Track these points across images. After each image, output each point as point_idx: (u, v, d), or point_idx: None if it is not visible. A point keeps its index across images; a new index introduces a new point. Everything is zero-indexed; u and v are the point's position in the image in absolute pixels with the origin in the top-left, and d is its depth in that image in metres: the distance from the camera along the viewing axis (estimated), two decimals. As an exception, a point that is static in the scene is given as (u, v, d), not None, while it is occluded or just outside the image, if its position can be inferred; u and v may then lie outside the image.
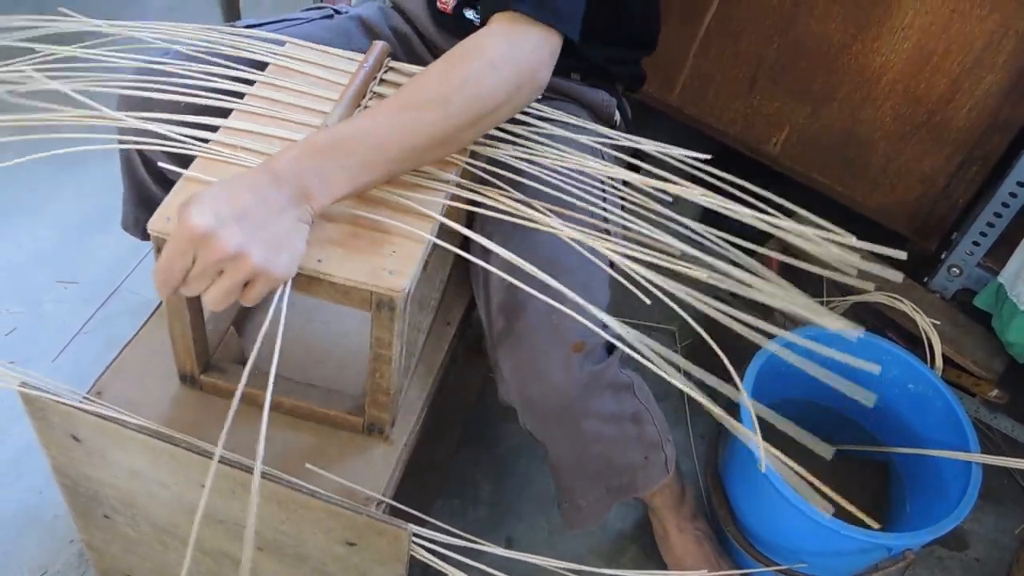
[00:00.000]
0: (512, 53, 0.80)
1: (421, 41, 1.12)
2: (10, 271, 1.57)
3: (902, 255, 0.84)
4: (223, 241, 0.65)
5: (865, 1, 1.34)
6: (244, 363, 0.94)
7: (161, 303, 1.06)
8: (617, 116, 1.14)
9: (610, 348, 0.95)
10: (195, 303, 0.83)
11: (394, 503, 0.92)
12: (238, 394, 0.67)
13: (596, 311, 0.76)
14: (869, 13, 1.34)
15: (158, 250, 0.74)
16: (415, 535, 0.83)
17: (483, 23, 0.84)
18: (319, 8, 1.11)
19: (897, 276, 0.89)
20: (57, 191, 1.67)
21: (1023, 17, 1.23)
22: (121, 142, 0.94)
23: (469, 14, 1.04)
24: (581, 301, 0.76)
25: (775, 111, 1.54)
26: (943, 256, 1.41)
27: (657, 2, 1.11)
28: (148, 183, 1.09)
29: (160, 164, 0.87)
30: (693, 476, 1.38)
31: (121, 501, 0.97)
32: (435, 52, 1.10)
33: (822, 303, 1.42)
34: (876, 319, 1.39)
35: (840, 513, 1.05)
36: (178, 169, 0.81)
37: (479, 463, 1.37)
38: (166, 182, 1.04)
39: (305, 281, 0.75)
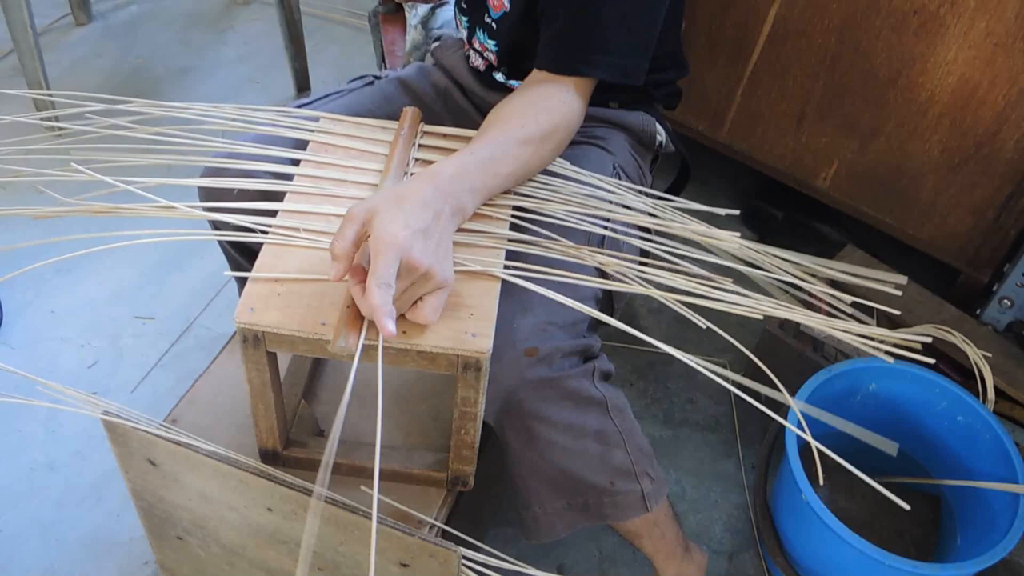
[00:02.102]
0: (581, 111, 0.95)
1: (461, 93, 1.19)
2: (93, 307, 1.67)
3: (902, 279, 0.88)
4: (418, 256, 0.72)
5: (908, 37, 1.36)
6: (320, 434, 1.01)
7: (233, 336, 1.13)
8: (659, 135, 1.18)
9: (585, 360, 0.97)
10: (277, 384, 0.88)
11: (446, 527, 0.96)
12: (327, 465, 0.73)
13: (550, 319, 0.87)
14: (913, 49, 1.36)
15: (244, 340, 0.80)
16: (465, 558, 0.88)
17: (556, 72, 0.94)
18: (361, 77, 1.18)
19: (901, 279, 0.92)
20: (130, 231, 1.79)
21: (1069, 49, 1.25)
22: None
23: (498, 76, 1.12)
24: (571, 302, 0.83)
25: (823, 146, 1.57)
26: (994, 288, 1.41)
27: (679, 27, 1.17)
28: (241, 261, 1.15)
29: (227, 273, 0.94)
30: (743, 508, 1.40)
31: (193, 523, 1.03)
32: (474, 102, 1.17)
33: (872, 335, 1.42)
34: (928, 352, 1.39)
35: (888, 545, 1.06)
36: (245, 273, 0.85)
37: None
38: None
39: (393, 354, 0.78)
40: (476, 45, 1.12)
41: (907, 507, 0.84)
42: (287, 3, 2.05)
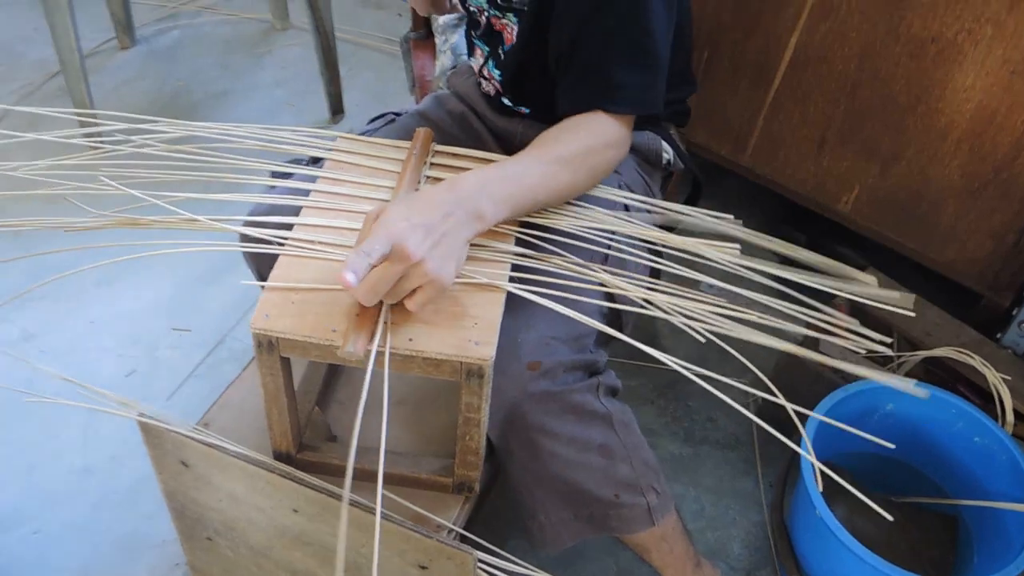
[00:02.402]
0: (621, 138, 0.97)
1: (476, 117, 1.23)
2: (131, 319, 1.73)
3: (909, 299, 0.90)
4: (413, 247, 0.76)
5: (927, 64, 1.38)
6: (332, 439, 1.05)
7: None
8: (666, 153, 1.21)
9: (591, 374, 0.99)
10: (291, 390, 0.92)
11: (464, 532, 0.99)
12: (350, 471, 0.76)
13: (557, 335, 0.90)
14: (931, 76, 1.39)
15: (258, 345, 0.84)
16: (481, 561, 0.91)
17: (583, 109, 0.96)
18: (382, 116, 1.23)
19: (909, 297, 0.94)
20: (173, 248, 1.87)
21: (1087, 76, 1.26)
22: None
23: (506, 100, 1.16)
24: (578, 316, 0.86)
25: (844, 171, 1.59)
26: (1015, 312, 1.42)
27: (688, 46, 1.19)
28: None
29: (244, 282, 0.99)
30: (761, 526, 1.41)
31: (223, 524, 1.07)
32: (487, 125, 1.21)
33: (893, 358, 1.44)
34: (947, 374, 1.40)
35: (905, 564, 1.07)
36: (258, 283, 0.91)
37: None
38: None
39: (399, 360, 0.82)
40: (485, 73, 1.17)
41: (889, 518, 0.85)
42: (323, 30, 2.11)
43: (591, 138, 0.94)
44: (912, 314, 1.06)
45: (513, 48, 1.07)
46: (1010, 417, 1.29)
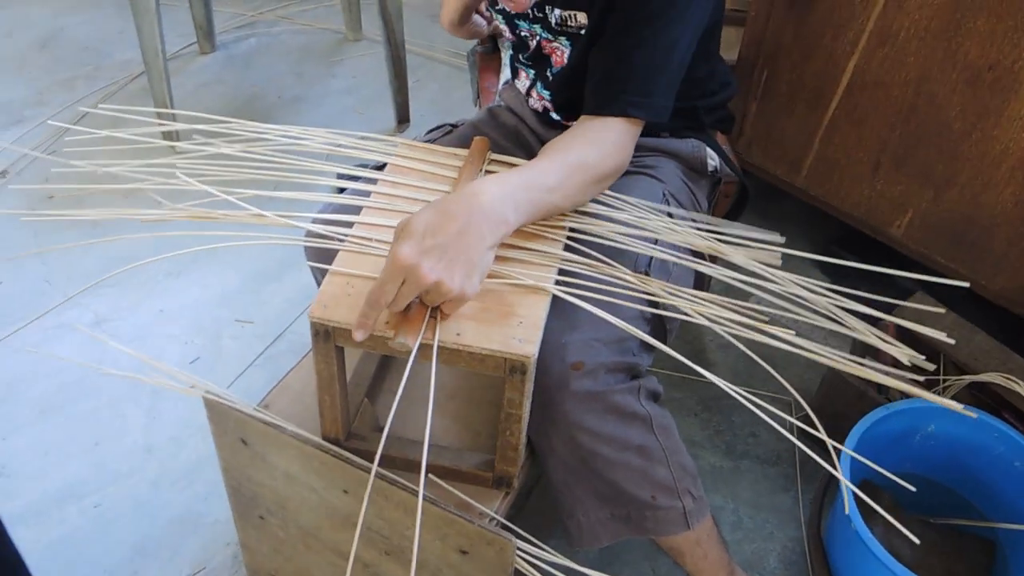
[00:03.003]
0: (628, 142, 1.02)
1: (528, 130, 1.28)
2: (197, 308, 1.82)
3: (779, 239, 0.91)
4: (425, 273, 0.79)
5: (983, 91, 1.39)
6: (380, 430, 1.10)
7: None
8: (711, 160, 1.24)
9: (633, 377, 1.02)
10: (343, 378, 0.97)
11: (505, 521, 1.03)
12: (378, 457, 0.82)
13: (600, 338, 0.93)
14: (987, 103, 1.40)
15: (315, 333, 0.89)
16: (520, 549, 0.94)
17: (595, 112, 1.01)
18: (439, 127, 1.29)
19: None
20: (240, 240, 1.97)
21: None
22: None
23: (555, 116, 1.22)
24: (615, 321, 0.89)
25: (898, 195, 1.60)
26: (1064, 341, 1.41)
27: (715, 54, 1.22)
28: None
29: (308, 263, 1.03)
30: (798, 542, 1.42)
31: (275, 503, 1.13)
32: (540, 138, 1.26)
33: (939, 380, 1.44)
34: (992, 400, 1.40)
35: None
36: (323, 266, 0.97)
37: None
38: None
39: (447, 353, 0.86)
40: (534, 95, 1.22)
41: (916, 540, 0.86)
42: (394, 41, 2.19)
43: (604, 149, 0.98)
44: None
45: (564, 70, 1.12)
46: (1054, 445, 1.29)
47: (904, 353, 0.97)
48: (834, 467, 0.91)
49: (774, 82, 1.67)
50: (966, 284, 0.99)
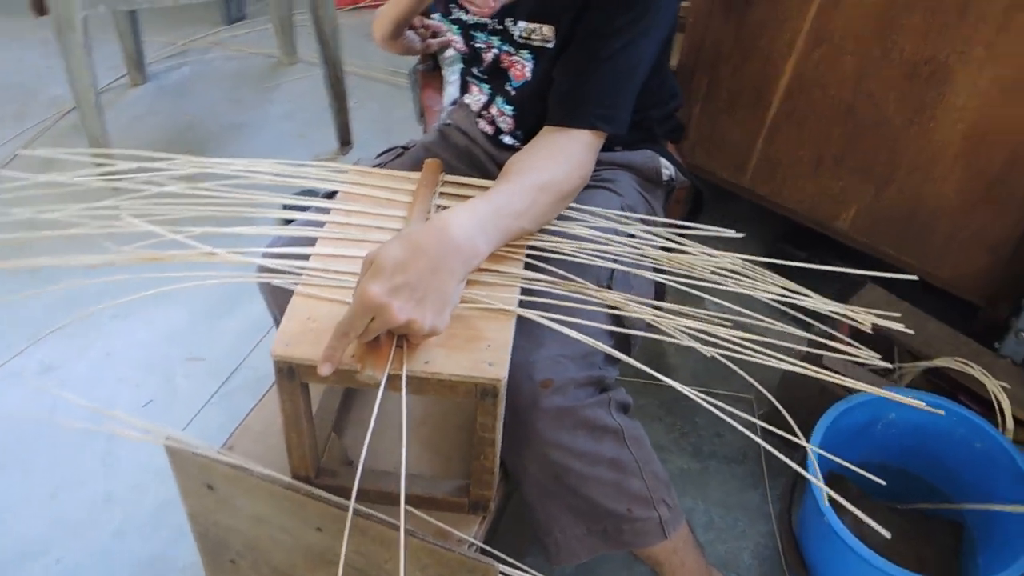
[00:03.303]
0: (590, 156, 1.02)
1: (480, 150, 1.28)
2: (147, 349, 1.77)
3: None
4: (395, 313, 0.78)
5: (919, 86, 1.43)
6: (349, 464, 1.08)
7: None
8: (666, 170, 1.25)
9: (602, 390, 1.02)
10: (309, 415, 0.94)
11: (484, 546, 1.02)
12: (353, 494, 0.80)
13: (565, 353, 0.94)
14: (924, 97, 1.43)
15: (279, 371, 0.87)
16: (502, 574, 0.93)
17: (556, 123, 1.01)
18: (390, 150, 1.28)
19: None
20: (179, 277, 1.94)
21: (1074, 93, 1.31)
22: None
23: (506, 139, 1.22)
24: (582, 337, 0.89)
25: (841, 190, 1.63)
26: (1012, 322, 1.45)
27: (665, 64, 1.23)
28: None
29: (266, 298, 1.02)
30: (770, 537, 1.44)
31: (246, 545, 1.10)
32: (493, 159, 1.26)
33: (894, 369, 1.47)
34: (948, 384, 1.44)
35: (911, 568, 1.09)
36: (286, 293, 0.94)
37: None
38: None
39: (416, 382, 0.84)
40: (493, 111, 1.21)
41: (887, 534, 0.87)
42: (331, 63, 2.17)
43: (569, 164, 0.99)
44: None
45: (529, 85, 1.12)
46: (1010, 424, 1.32)
47: (863, 356, 0.99)
48: (800, 462, 0.92)
49: (715, 86, 1.70)
50: (915, 278, 1.01)
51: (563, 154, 0.99)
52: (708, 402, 0.88)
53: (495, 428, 0.90)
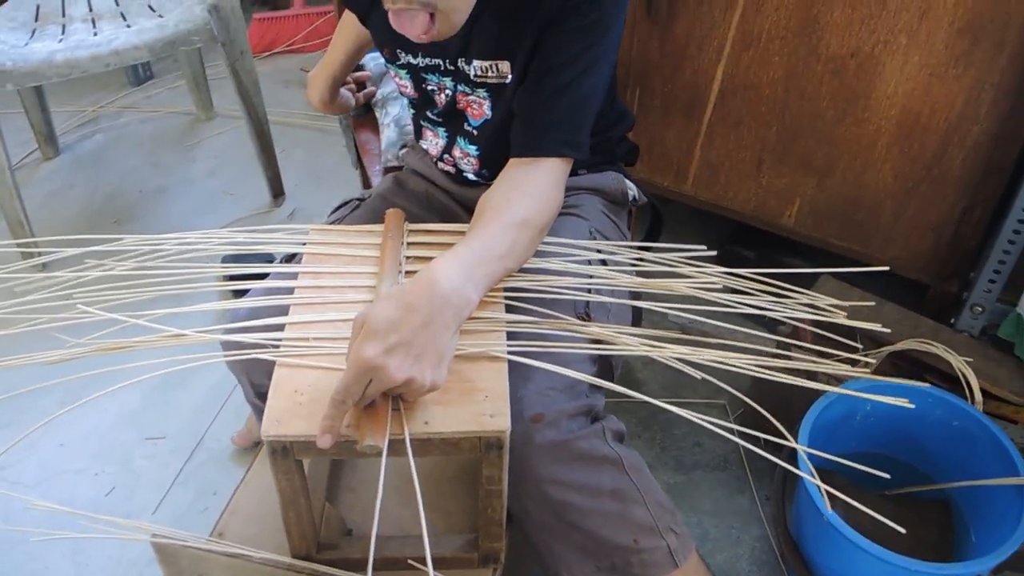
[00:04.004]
0: (560, 185, 1.02)
1: (441, 191, 1.26)
2: (101, 434, 1.69)
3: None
4: (393, 372, 0.77)
5: (849, 78, 1.46)
6: (349, 533, 1.04)
7: (260, 447, 1.17)
8: (631, 190, 1.25)
9: (594, 420, 1.00)
10: (307, 491, 0.91)
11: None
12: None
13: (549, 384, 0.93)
14: (854, 88, 1.47)
15: (272, 451, 0.83)
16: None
17: (522, 154, 1.01)
18: (346, 203, 1.25)
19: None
20: (132, 357, 1.86)
21: (997, 71, 1.35)
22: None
23: (470, 176, 1.21)
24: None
25: (784, 187, 1.66)
26: (964, 297, 1.49)
27: (614, 87, 1.23)
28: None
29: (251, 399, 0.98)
30: (765, 540, 1.44)
31: (248, 633, 1.06)
32: (455, 198, 1.25)
33: (859, 355, 1.50)
34: (913, 365, 1.47)
35: (911, 552, 1.11)
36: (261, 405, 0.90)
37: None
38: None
39: (418, 444, 0.82)
40: (456, 153, 1.19)
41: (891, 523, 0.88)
42: (254, 116, 2.13)
43: (541, 198, 0.98)
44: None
45: (491, 123, 1.10)
46: (978, 396, 1.35)
47: (833, 365, 1.00)
48: (785, 459, 0.93)
49: (648, 97, 1.71)
50: (886, 268, 1.03)
51: (534, 187, 0.98)
52: (686, 414, 0.88)
53: (501, 480, 0.88)
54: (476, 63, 1.06)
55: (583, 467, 0.96)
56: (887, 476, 0.93)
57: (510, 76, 1.05)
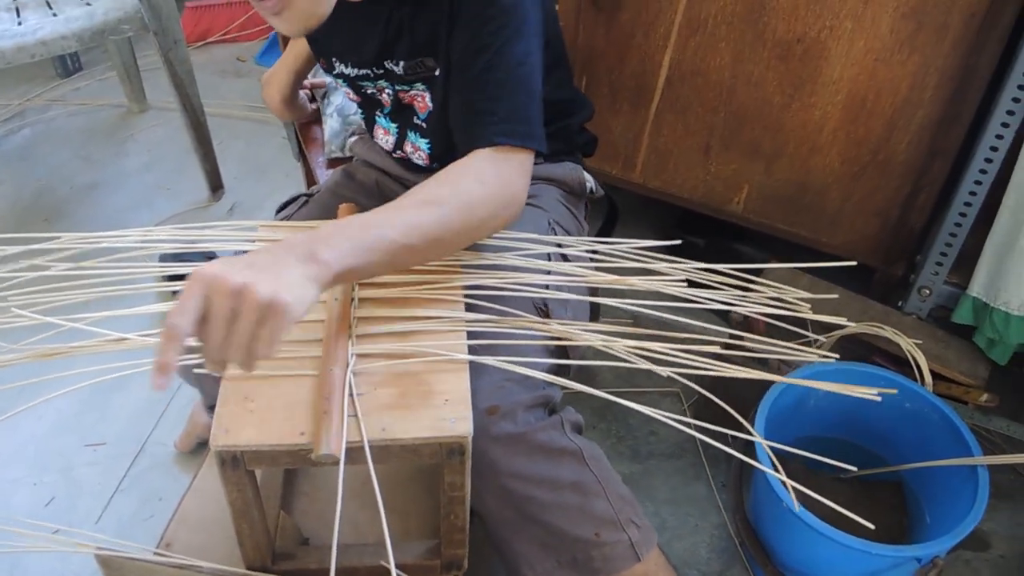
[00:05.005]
0: (499, 173, 0.93)
1: (393, 180, 1.22)
2: (37, 442, 1.62)
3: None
4: (229, 277, 0.68)
5: (795, 64, 1.47)
6: (305, 543, 1.01)
7: (207, 450, 1.13)
8: (588, 182, 1.23)
9: (551, 412, 0.98)
10: (259, 502, 0.87)
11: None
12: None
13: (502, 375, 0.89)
14: (800, 73, 1.47)
15: (222, 462, 0.79)
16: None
17: (462, 151, 0.95)
18: (294, 200, 1.21)
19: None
20: (69, 361, 1.79)
21: (941, 55, 1.36)
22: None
23: (419, 162, 1.17)
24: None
25: (732, 173, 1.66)
26: (911, 279, 1.51)
27: (570, 72, 1.21)
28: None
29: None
30: (723, 527, 1.45)
31: (201, 647, 1.02)
32: (406, 186, 1.20)
33: (809, 342, 1.51)
34: (862, 349, 1.48)
35: (866, 535, 1.12)
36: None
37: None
38: None
39: (376, 451, 0.78)
40: (408, 148, 1.16)
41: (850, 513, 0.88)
42: (190, 107, 2.06)
43: (462, 176, 0.91)
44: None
45: (434, 113, 1.07)
46: (928, 378, 1.37)
47: (780, 346, 1.00)
48: (741, 447, 0.92)
49: (595, 85, 1.69)
50: (853, 263, 1.02)
51: (454, 172, 0.92)
52: (642, 409, 0.87)
53: (464, 486, 0.86)
54: (402, 63, 1.04)
55: (543, 459, 0.95)
56: (854, 469, 0.92)
57: (437, 69, 1.03)
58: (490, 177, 0.92)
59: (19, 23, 1.89)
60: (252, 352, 0.70)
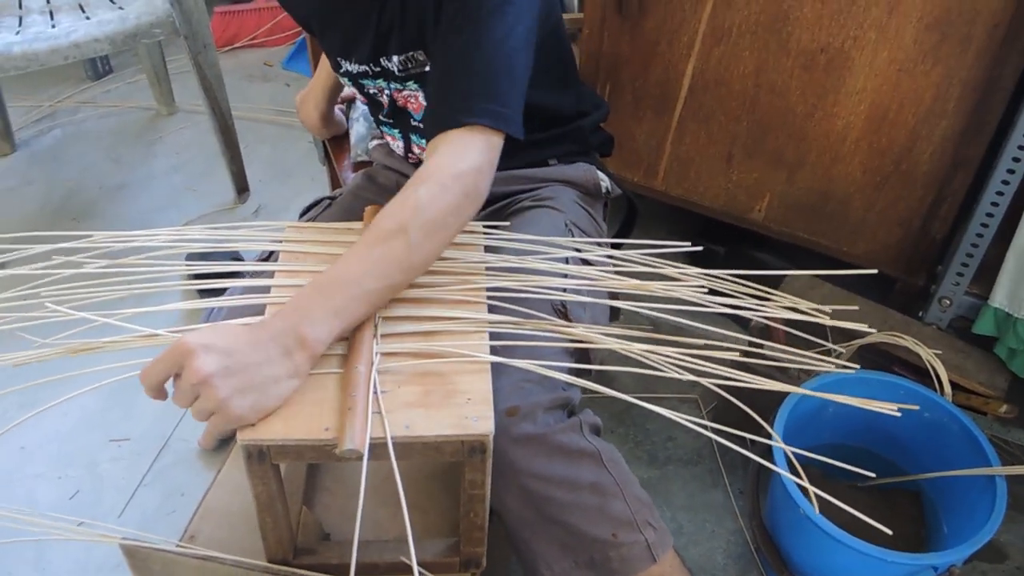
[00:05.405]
0: (460, 169, 0.91)
1: None
2: (63, 438, 1.65)
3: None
4: (202, 366, 0.75)
5: (819, 73, 1.47)
6: (326, 538, 1.02)
7: (229, 447, 1.15)
8: (603, 182, 1.23)
9: (570, 414, 0.99)
10: (283, 496, 0.89)
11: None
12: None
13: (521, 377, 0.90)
14: (824, 83, 1.48)
15: (248, 456, 0.81)
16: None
17: (443, 128, 0.93)
18: (318, 203, 1.23)
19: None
20: (95, 358, 1.81)
21: (964, 66, 1.36)
22: None
23: None
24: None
25: (754, 182, 1.67)
26: (932, 290, 1.51)
27: (575, 68, 1.20)
28: None
29: None
30: (739, 533, 1.45)
31: (222, 639, 1.03)
32: None
33: (828, 351, 1.51)
34: (881, 358, 1.48)
35: (884, 542, 1.12)
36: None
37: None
38: None
39: (399, 448, 0.79)
40: (416, 150, 1.17)
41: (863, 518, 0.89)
42: (219, 111, 2.09)
43: (422, 186, 0.89)
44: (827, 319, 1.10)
45: (427, 113, 1.09)
46: (947, 388, 1.37)
47: (804, 355, 1.01)
48: (759, 453, 0.93)
49: (619, 92, 1.71)
50: (874, 271, 1.03)
51: (422, 179, 0.90)
52: (661, 411, 0.88)
53: (484, 484, 0.87)
54: (395, 58, 1.05)
55: (562, 460, 0.95)
56: (872, 475, 0.92)
57: (428, 63, 1.04)
58: (451, 176, 0.90)
59: (53, 26, 1.93)
60: (209, 425, 0.79)
